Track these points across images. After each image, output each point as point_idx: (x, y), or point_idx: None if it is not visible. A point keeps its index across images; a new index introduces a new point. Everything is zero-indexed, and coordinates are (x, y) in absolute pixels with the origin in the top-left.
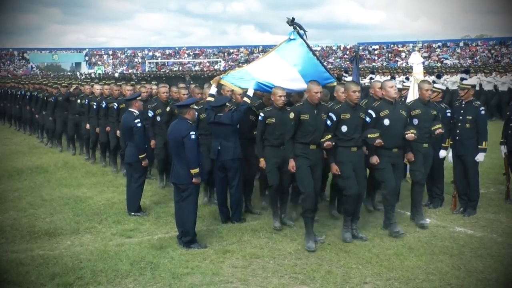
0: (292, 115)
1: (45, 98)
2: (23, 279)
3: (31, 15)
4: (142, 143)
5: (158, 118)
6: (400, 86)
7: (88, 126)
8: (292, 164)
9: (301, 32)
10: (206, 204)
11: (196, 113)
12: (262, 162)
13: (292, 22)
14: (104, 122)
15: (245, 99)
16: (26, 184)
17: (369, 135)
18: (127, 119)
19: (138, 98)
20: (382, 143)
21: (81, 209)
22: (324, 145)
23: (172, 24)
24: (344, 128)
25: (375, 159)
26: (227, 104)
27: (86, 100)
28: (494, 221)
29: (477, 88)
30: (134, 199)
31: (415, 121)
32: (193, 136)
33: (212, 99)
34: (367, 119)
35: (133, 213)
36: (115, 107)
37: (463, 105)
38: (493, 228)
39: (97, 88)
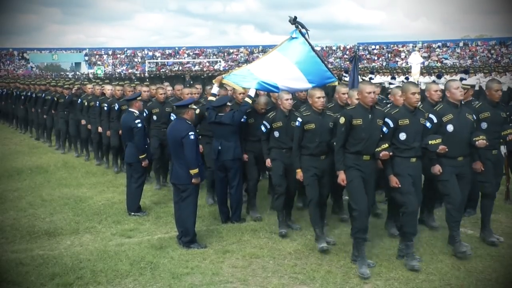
0: (342, 120)
1: (55, 99)
2: (23, 279)
3: (31, 15)
4: (142, 144)
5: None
6: (400, 85)
7: (100, 129)
8: (342, 177)
9: (303, 31)
10: (212, 204)
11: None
12: (300, 174)
13: (294, 20)
14: (117, 125)
15: (247, 99)
16: (26, 184)
17: (430, 142)
18: (127, 119)
19: (138, 98)
20: (446, 150)
21: (81, 209)
22: (380, 155)
23: (172, 24)
24: (402, 136)
25: (437, 169)
26: (228, 104)
27: (97, 102)
28: (494, 221)
29: (477, 88)
30: (134, 199)
31: (484, 125)
32: (192, 137)
33: (213, 98)
34: (428, 124)
35: (133, 213)
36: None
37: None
38: (493, 228)
39: (108, 88)
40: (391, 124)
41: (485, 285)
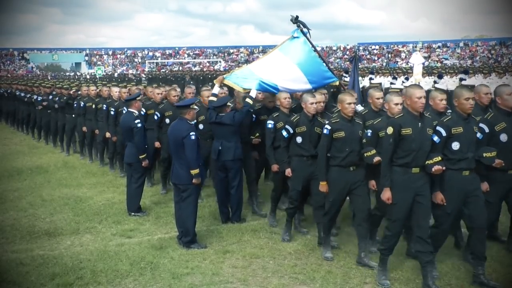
0: (390, 130)
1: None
2: (23, 279)
3: (31, 15)
4: (142, 144)
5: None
6: (401, 86)
7: (108, 134)
8: (388, 195)
9: (305, 30)
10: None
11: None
12: (325, 187)
13: (296, 20)
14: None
15: (248, 100)
16: (26, 184)
17: (485, 154)
18: (127, 119)
19: (137, 99)
20: (503, 164)
21: (81, 209)
22: (433, 170)
23: (172, 24)
24: (455, 145)
25: (485, 187)
26: (229, 104)
27: (104, 105)
28: None
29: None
30: (134, 199)
31: (504, 137)
32: (193, 137)
33: (214, 98)
34: (478, 134)
35: (133, 213)
36: (142, 113)
37: None
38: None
39: (115, 91)
40: (443, 133)
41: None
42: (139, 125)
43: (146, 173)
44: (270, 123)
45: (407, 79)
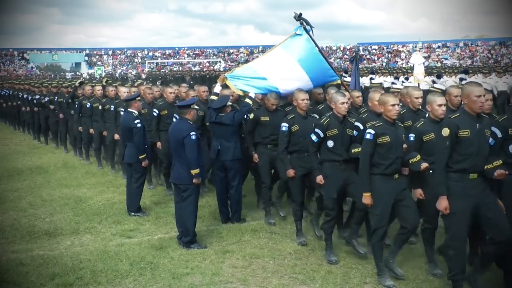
0: (446, 131)
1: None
2: (23, 279)
3: (31, 15)
4: (142, 144)
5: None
6: (401, 86)
7: (117, 136)
8: (445, 204)
9: (308, 27)
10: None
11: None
12: (369, 199)
13: (299, 17)
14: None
15: (247, 100)
16: (26, 184)
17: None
18: (126, 119)
19: (137, 99)
20: None
21: (81, 209)
22: (495, 174)
23: (172, 24)
24: None
25: None
26: (229, 104)
27: (112, 106)
28: None
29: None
30: (134, 199)
31: None
32: (193, 137)
33: (215, 97)
34: None
35: (133, 213)
36: (155, 114)
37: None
38: None
39: (123, 91)
40: (499, 134)
41: (485, 285)
42: (138, 125)
43: (146, 174)
44: (284, 126)
45: (407, 79)
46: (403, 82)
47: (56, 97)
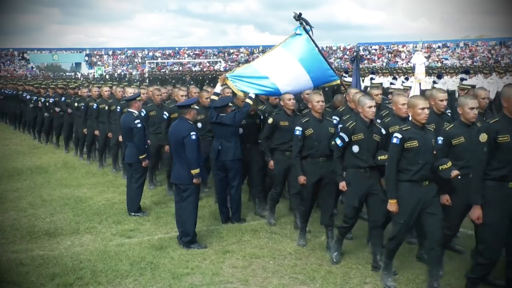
0: (484, 137)
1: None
2: (23, 279)
3: (31, 15)
4: (143, 144)
5: (200, 125)
6: (400, 86)
7: (120, 137)
8: (479, 213)
9: (307, 28)
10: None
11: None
12: (395, 206)
13: (299, 17)
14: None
15: (248, 100)
16: (26, 184)
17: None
18: (127, 119)
19: (138, 99)
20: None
21: (81, 209)
22: None
23: (172, 24)
24: None
25: None
26: (230, 104)
27: (118, 107)
28: None
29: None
30: (134, 199)
31: None
32: (193, 137)
33: (216, 97)
34: None
35: (133, 213)
36: (165, 116)
37: None
38: None
39: (129, 92)
40: None
41: (485, 285)
42: (139, 125)
43: (146, 174)
44: (298, 130)
45: (407, 79)
46: (402, 82)
47: (64, 98)
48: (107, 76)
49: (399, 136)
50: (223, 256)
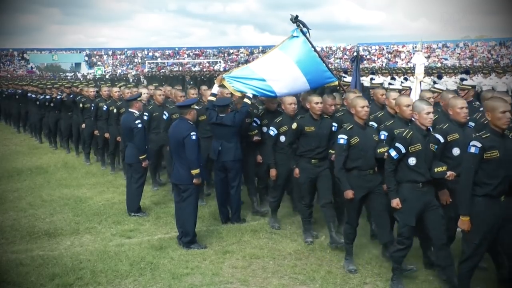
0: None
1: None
2: (23, 279)
3: (30, 16)
4: (143, 144)
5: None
6: (399, 87)
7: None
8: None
9: (304, 30)
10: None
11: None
12: (467, 224)
13: (295, 19)
14: (159, 137)
15: (246, 100)
16: (26, 185)
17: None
18: (127, 119)
19: (139, 99)
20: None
21: (81, 209)
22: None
23: (172, 24)
24: None
25: None
26: (230, 104)
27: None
28: None
29: (477, 89)
30: (134, 200)
31: None
32: (193, 137)
33: (214, 98)
34: None
35: (133, 214)
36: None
37: None
38: None
39: (144, 92)
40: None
41: (485, 285)
42: (139, 125)
43: (146, 174)
44: (342, 138)
45: (406, 79)
46: (402, 82)
47: (71, 96)
48: (107, 76)
49: (478, 144)
50: (223, 256)
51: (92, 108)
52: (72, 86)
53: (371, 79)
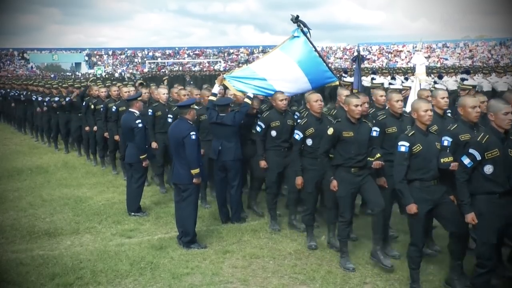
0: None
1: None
2: (23, 279)
3: (30, 15)
4: (143, 144)
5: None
6: (400, 86)
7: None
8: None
9: (305, 30)
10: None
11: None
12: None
13: (296, 19)
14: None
15: (246, 100)
16: (26, 184)
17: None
18: (127, 119)
19: (139, 99)
20: None
21: (81, 209)
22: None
23: (172, 24)
24: None
25: None
26: (231, 104)
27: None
28: None
29: (477, 89)
30: (134, 199)
31: None
32: (193, 137)
33: (214, 98)
34: None
35: (133, 213)
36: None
37: None
38: None
39: (163, 92)
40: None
41: None
42: (140, 125)
43: (147, 174)
44: (403, 145)
45: (406, 79)
46: (402, 82)
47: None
48: (106, 76)
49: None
50: (223, 256)
51: (102, 109)
52: (81, 86)
53: (372, 79)
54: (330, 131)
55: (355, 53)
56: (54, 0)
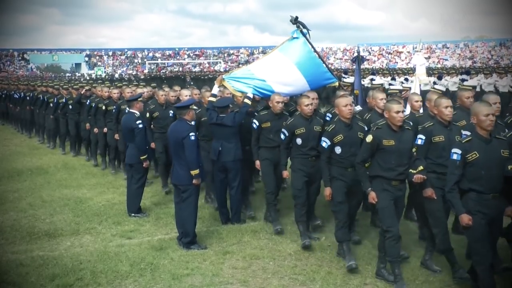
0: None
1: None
2: (23, 280)
3: (30, 16)
4: (144, 144)
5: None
6: (400, 87)
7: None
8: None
9: (304, 31)
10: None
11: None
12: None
13: (295, 20)
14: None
15: (246, 100)
16: (26, 185)
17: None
18: (128, 120)
19: (139, 99)
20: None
21: (81, 210)
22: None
23: (172, 24)
24: None
25: None
26: (230, 105)
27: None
28: None
29: (478, 89)
30: (134, 200)
31: None
32: (192, 137)
33: (214, 99)
34: None
35: (133, 214)
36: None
37: None
38: None
39: (185, 94)
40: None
41: None
42: (140, 126)
43: (147, 175)
44: (456, 153)
45: (406, 80)
46: (402, 83)
47: (89, 99)
48: (106, 76)
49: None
50: (223, 257)
51: (114, 110)
52: (91, 87)
53: (371, 79)
54: (369, 138)
55: (355, 54)
56: (54, 0)
